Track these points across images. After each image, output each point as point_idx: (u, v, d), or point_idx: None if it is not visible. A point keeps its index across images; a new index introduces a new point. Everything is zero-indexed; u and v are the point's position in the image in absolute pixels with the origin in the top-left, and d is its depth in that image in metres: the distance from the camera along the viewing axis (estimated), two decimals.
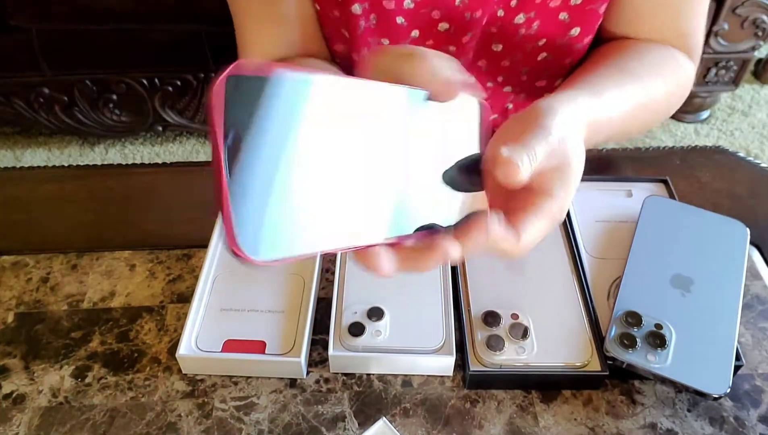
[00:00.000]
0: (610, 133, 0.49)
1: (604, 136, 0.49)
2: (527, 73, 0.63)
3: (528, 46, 0.60)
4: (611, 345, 0.48)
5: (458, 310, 0.52)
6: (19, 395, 0.50)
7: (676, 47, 0.60)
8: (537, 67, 0.62)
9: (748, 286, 0.56)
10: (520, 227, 0.37)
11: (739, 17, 1.53)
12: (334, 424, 0.48)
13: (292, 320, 0.52)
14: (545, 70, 0.62)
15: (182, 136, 1.79)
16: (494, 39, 0.60)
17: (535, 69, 0.63)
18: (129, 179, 0.68)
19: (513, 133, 0.37)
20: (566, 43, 0.60)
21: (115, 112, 1.61)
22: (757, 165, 0.68)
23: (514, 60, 0.61)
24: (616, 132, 0.50)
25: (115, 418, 0.48)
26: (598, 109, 0.45)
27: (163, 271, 0.58)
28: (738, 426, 0.47)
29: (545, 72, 0.63)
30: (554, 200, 0.38)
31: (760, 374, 0.50)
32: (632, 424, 0.48)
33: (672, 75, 0.58)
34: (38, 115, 1.61)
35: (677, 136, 1.78)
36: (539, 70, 0.63)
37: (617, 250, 0.57)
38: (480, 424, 0.47)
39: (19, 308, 0.55)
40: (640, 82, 0.53)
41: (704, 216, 0.57)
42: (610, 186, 0.63)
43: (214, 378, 0.50)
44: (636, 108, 0.52)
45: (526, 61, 0.61)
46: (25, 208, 0.65)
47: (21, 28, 1.45)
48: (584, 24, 0.58)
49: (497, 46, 0.58)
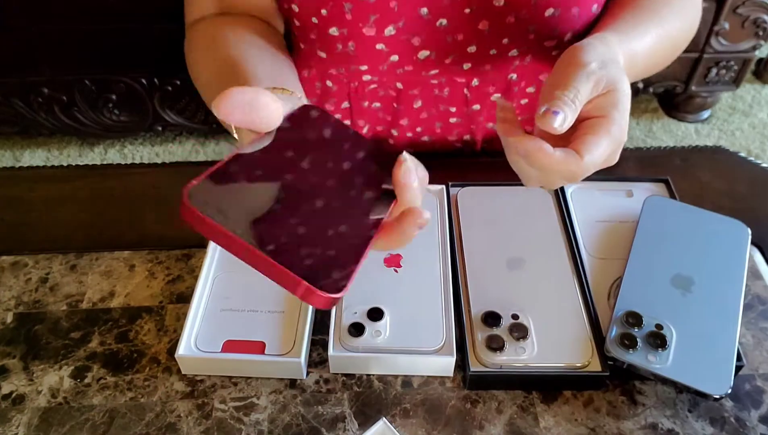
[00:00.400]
0: (642, 67, 0.53)
1: (638, 70, 0.52)
2: (534, 31, 0.60)
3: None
4: (612, 345, 0.48)
5: (458, 310, 0.52)
6: (18, 396, 0.49)
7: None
8: (545, 24, 0.59)
9: (749, 286, 0.56)
10: (581, 147, 0.41)
11: (740, 17, 1.53)
12: (334, 424, 0.47)
13: (292, 321, 0.52)
14: (554, 28, 0.59)
15: (182, 136, 1.79)
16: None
17: (543, 26, 0.59)
18: (128, 179, 0.68)
19: (558, 78, 0.42)
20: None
21: (115, 112, 1.61)
22: (758, 165, 0.68)
23: (519, 16, 0.58)
24: (646, 65, 0.53)
25: (114, 418, 0.48)
26: (627, 44, 0.49)
27: (162, 272, 0.58)
28: (739, 426, 0.47)
29: (554, 31, 0.60)
30: (609, 120, 0.42)
31: (761, 375, 0.50)
32: (633, 424, 0.47)
33: (686, 11, 0.59)
34: (38, 115, 1.61)
35: (678, 136, 1.78)
36: (548, 28, 0.59)
37: (618, 250, 0.57)
38: (480, 425, 0.47)
39: (18, 308, 0.55)
40: (660, 20, 0.55)
41: (705, 216, 0.57)
42: (610, 186, 0.63)
43: (214, 378, 0.50)
44: (658, 43, 0.54)
45: (532, 18, 0.58)
46: (24, 208, 0.64)
47: (20, 28, 1.45)
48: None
49: (499, 1, 0.56)
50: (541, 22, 0.57)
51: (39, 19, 1.44)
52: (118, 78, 1.54)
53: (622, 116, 0.42)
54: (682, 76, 1.65)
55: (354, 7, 0.55)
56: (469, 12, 0.57)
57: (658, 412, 0.48)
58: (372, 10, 0.56)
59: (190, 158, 1.73)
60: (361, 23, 0.56)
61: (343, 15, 0.56)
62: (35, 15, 1.44)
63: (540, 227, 0.59)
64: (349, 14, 0.56)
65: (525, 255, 0.56)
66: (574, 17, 0.57)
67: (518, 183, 0.62)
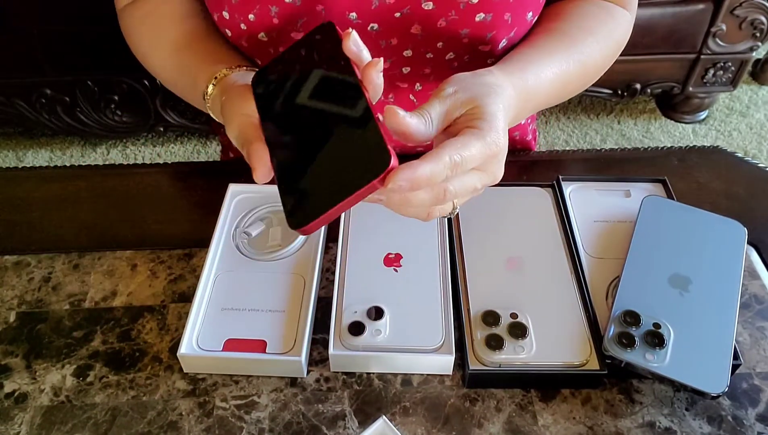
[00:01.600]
0: (544, 96, 0.54)
1: (540, 99, 0.54)
2: (468, 36, 0.57)
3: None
4: (610, 344, 0.48)
5: (458, 309, 0.53)
6: (21, 394, 0.50)
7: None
8: (477, 28, 0.57)
9: (746, 285, 0.56)
10: (445, 147, 0.41)
11: (737, 18, 1.53)
12: (334, 422, 0.48)
13: (293, 319, 0.52)
14: (486, 33, 0.57)
15: (183, 137, 1.79)
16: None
17: (476, 31, 0.57)
18: (130, 179, 0.68)
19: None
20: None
21: (117, 112, 1.61)
22: (755, 165, 0.69)
23: (449, 20, 0.56)
24: (549, 94, 0.54)
25: (116, 416, 0.48)
26: (519, 77, 0.50)
27: (164, 271, 0.58)
28: (736, 425, 0.48)
29: (486, 36, 0.58)
30: (476, 129, 0.43)
31: (758, 373, 0.51)
32: (631, 422, 0.48)
33: (608, 34, 0.59)
34: (40, 115, 1.61)
35: (675, 136, 1.79)
36: (481, 33, 0.57)
37: (616, 249, 0.57)
38: (479, 423, 0.48)
39: (21, 308, 0.56)
40: (570, 50, 0.56)
41: (702, 216, 0.57)
42: (608, 186, 0.63)
43: (215, 377, 0.51)
44: (565, 73, 0.55)
45: (463, 22, 0.56)
46: (27, 208, 0.65)
47: (23, 29, 1.45)
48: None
49: (428, 5, 0.54)
50: (473, 26, 0.56)
51: (41, 20, 1.45)
52: (120, 79, 1.54)
53: (492, 126, 0.43)
54: (680, 77, 1.65)
55: (280, 10, 0.54)
56: (399, 16, 0.55)
57: (656, 410, 0.49)
58: (299, 13, 0.54)
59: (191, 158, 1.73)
60: (289, 27, 0.55)
61: (270, 19, 0.55)
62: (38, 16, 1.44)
63: (538, 227, 0.59)
64: (276, 18, 0.54)
65: (524, 254, 0.57)
66: (506, 23, 0.56)
67: (517, 183, 0.63)
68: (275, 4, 0.54)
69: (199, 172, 0.69)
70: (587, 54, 0.57)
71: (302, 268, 0.56)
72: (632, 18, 0.63)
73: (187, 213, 0.64)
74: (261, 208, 0.61)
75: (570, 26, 0.58)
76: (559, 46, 0.56)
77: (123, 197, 0.66)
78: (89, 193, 0.66)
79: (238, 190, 0.62)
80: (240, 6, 0.54)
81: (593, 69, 0.59)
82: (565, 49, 0.56)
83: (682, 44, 1.57)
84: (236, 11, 0.55)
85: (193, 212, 0.64)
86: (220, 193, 0.62)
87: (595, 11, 0.60)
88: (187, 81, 0.58)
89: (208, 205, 0.62)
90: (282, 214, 0.60)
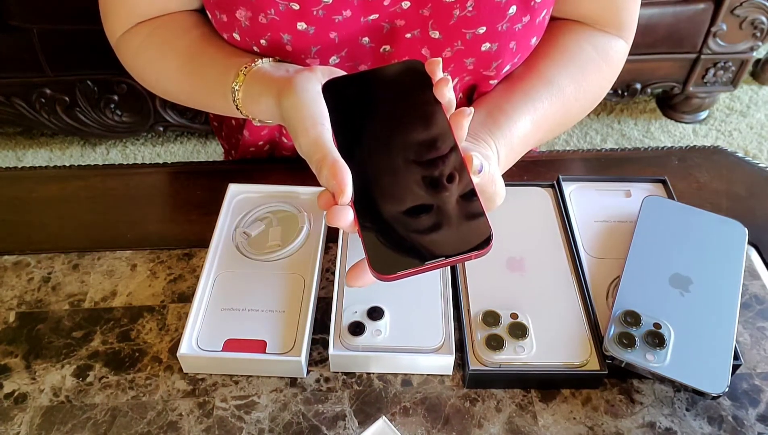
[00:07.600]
0: (530, 145, 0.57)
1: (526, 147, 0.57)
2: (473, 63, 0.58)
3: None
4: (610, 344, 0.48)
5: (458, 309, 0.53)
6: (20, 394, 0.50)
7: (610, 24, 0.61)
8: (482, 57, 0.57)
9: (747, 285, 0.56)
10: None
11: (738, 18, 1.53)
12: (334, 423, 0.48)
13: (293, 320, 0.52)
14: (492, 61, 0.58)
15: (183, 137, 1.79)
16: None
17: (481, 59, 0.58)
18: (130, 179, 0.68)
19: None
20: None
21: (117, 112, 1.61)
22: (756, 165, 0.69)
23: (454, 49, 0.57)
24: (525, 146, 0.57)
25: (116, 417, 0.48)
26: (504, 137, 0.53)
27: (164, 271, 0.58)
28: (736, 425, 0.48)
29: (491, 63, 0.59)
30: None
31: (758, 373, 0.51)
32: (631, 423, 0.48)
33: (596, 73, 0.61)
34: (40, 115, 1.61)
35: (676, 136, 1.79)
36: (485, 60, 0.58)
37: (616, 250, 0.57)
38: (479, 423, 0.48)
39: (20, 308, 0.56)
40: (560, 93, 0.58)
41: (703, 216, 0.57)
42: (608, 186, 0.63)
43: (215, 377, 0.51)
44: (543, 120, 0.57)
45: (469, 51, 0.57)
46: (26, 208, 0.65)
47: (22, 29, 1.45)
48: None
49: (435, 34, 0.55)
50: (478, 56, 0.56)
51: (41, 19, 1.45)
52: (119, 78, 1.54)
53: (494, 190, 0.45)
54: (680, 77, 1.65)
55: (293, 38, 0.53)
56: (410, 37, 0.55)
57: (656, 410, 0.49)
58: (313, 41, 0.54)
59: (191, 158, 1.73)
60: (303, 55, 0.55)
61: (283, 46, 0.54)
62: (37, 15, 1.44)
63: (539, 227, 0.59)
64: (288, 45, 0.54)
65: (524, 254, 0.57)
66: (511, 51, 0.57)
67: (517, 183, 0.63)
68: (287, 31, 0.53)
69: (198, 172, 0.69)
70: (573, 114, 0.60)
71: (302, 268, 0.56)
72: (628, 47, 0.64)
73: (186, 213, 0.64)
74: (261, 208, 0.61)
75: (558, 76, 0.58)
76: (543, 96, 0.57)
77: (123, 197, 0.66)
78: (89, 193, 0.66)
79: (237, 190, 0.62)
80: (250, 30, 0.54)
81: (577, 114, 0.62)
82: (550, 106, 0.57)
83: (683, 44, 1.57)
84: (247, 35, 0.54)
85: (192, 212, 0.64)
86: (220, 193, 0.62)
87: (588, 55, 0.60)
88: (206, 82, 0.56)
89: (207, 205, 0.62)
90: (282, 214, 0.61)
